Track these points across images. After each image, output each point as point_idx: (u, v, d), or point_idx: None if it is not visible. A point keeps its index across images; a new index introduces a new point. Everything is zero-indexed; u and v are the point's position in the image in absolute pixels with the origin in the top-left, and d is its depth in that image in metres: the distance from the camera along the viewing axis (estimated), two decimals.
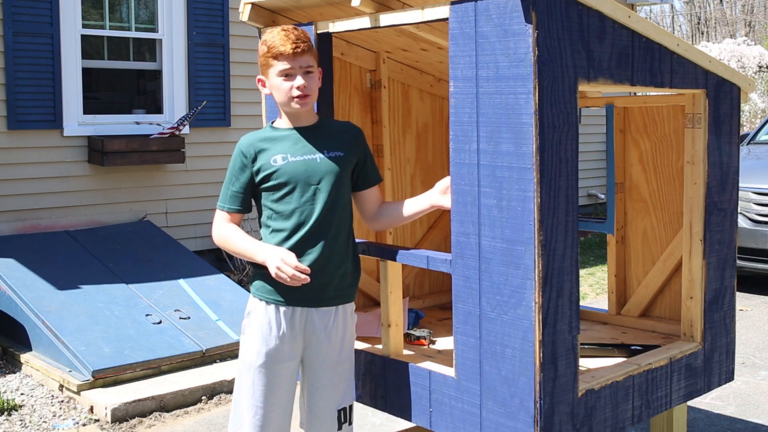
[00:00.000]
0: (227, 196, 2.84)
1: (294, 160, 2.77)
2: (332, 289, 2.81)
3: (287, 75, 2.76)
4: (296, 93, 2.75)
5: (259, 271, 2.80)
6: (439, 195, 2.88)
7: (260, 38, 3.01)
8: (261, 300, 2.81)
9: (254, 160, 2.79)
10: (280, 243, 2.75)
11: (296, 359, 2.83)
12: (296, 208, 2.75)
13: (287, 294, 2.76)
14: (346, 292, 2.86)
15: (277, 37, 2.76)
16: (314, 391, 2.86)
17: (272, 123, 2.89)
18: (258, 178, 2.79)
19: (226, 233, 2.81)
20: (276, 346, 2.77)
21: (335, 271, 2.80)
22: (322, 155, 2.80)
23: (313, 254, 2.75)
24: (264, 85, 2.87)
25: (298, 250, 2.74)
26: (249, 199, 2.84)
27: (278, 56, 2.74)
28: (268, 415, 2.79)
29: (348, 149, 2.86)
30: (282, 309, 2.78)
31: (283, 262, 2.65)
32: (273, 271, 2.67)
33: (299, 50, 2.74)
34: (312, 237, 2.75)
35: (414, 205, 2.94)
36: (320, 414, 2.86)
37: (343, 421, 2.89)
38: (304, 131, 2.83)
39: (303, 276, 2.65)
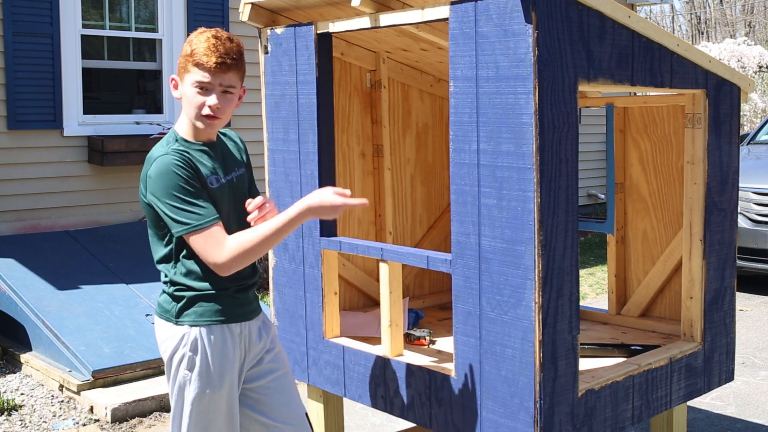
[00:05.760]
0: (204, 208, 2.43)
1: (223, 182, 2.55)
2: (256, 301, 2.71)
3: (203, 88, 2.45)
4: (206, 112, 2.45)
5: (194, 296, 2.53)
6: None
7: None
8: (207, 324, 2.53)
9: (196, 173, 2.47)
10: None
11: (242, 376, 2.66)
12: (232, 231, 2.52)
13: (232, 312, 2.57)
14: (259, 301, 2.76)
15: (204, 44, 2.44)
16: (282, 397, 2.71)
17: (180, 134, 2.54)
18: None
19: (240, 239, 2.44)
20: (236, 367, 2.58)
21: (255, 284, 2.69)
22: (236, 173, 2.63)
23: (249, 272, 2.64)
24: (176, 87, 2.53)
25: (239, 270, 2.54)
26: None
27: (199, 65, 2.43)
28: None
29: (245, 164, 2.72)
30: (232, 326, 2.57)
31: (338, 194, 2.46)
32: (336, 202, 2.44)
33: (224, 66, 2.43)
34: None
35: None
36: (295, 422, 2.71)
37: (311, 425, 2.78)
38: (215, 147, 2.58)
39: (361, 201, 2.50)
